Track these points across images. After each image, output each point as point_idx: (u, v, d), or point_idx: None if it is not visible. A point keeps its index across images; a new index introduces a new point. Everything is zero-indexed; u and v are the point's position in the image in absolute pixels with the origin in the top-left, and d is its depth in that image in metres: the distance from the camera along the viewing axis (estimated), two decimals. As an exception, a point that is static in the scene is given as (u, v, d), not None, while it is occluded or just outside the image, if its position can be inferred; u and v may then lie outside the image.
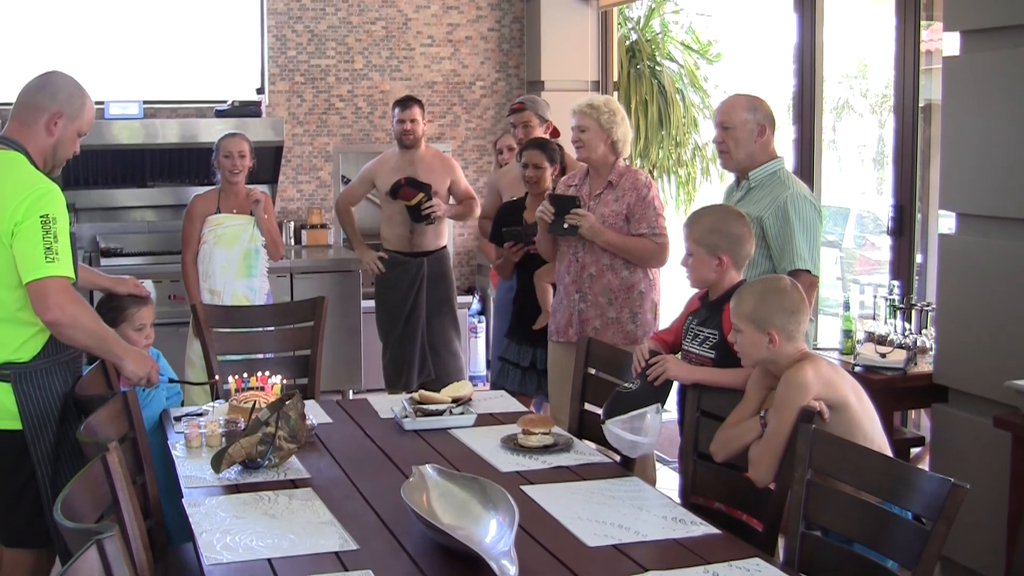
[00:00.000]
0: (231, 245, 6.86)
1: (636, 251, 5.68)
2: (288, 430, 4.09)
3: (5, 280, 4.00)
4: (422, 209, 7.45)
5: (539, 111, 7.14)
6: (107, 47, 9.16)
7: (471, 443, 4.50)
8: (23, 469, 4.11)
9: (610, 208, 5.71)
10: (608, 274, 5.74)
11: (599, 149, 5.74)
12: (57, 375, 4.17)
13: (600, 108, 5.73)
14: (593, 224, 5.65)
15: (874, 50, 13.97)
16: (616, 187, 5.74)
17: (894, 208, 6.41)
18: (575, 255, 5.80)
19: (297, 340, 5.94)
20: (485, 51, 10.06)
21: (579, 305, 5.81)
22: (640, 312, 5.75)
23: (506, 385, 6.49)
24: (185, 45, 9.34)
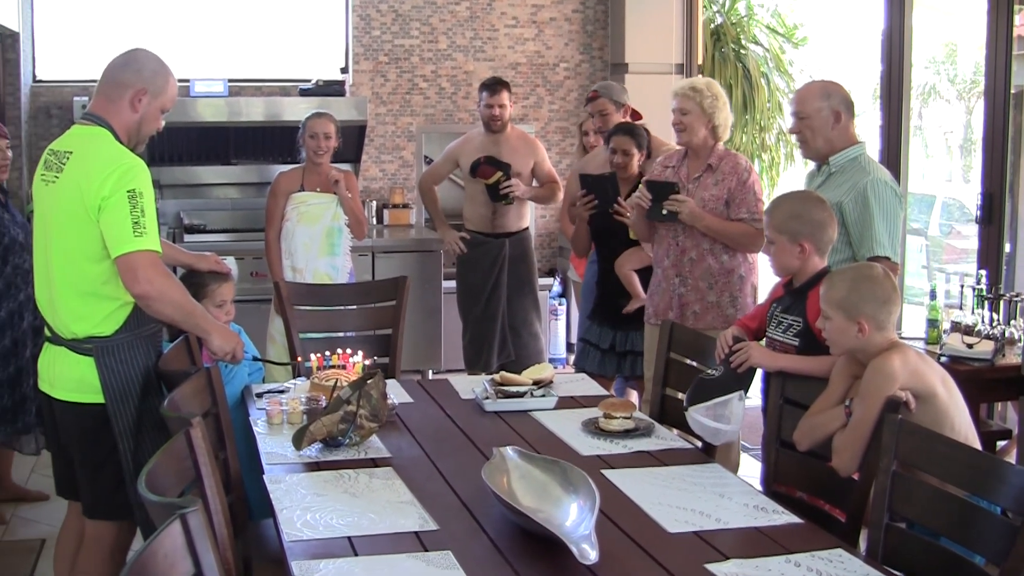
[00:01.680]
0: (314, 223, 6.88)
1: (736, 236, 5.62)
2: (369, 409, 4.09)
3: (90, 254, 4.03)
4: (500, 188, 7.44)
5: (614, 96, 7.08)
6: (193, 25, 9.24)
7: (552, 426, 4.49)
8: (105, 442, 4.14)
9: (710, 192, 5.66)
10: (708, 258, 5.70)
11: (700, 133, 5.69)
12: (139, 349, 4.18)
13: (703, 91, 5.68)
14: (693, 210, 5.60)
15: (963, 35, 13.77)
16: (716, 171, 5.69)
17: (982, 196, 6.33)
18: (675, 239, 5.75)
19: (378, 319, 5.96)
20: (569, 32, 10.02)
21: (679, 289, 5.77)
22: (740, 296, 5.70)
23: (586, 366, 6.48)
24: (270, 24, 9.39)
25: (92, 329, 4.11)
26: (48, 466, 5.16)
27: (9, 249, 5.95)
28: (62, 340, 4.16)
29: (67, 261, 4.07)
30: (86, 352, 4.11)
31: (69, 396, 4.16)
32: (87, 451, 4.20)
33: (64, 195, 4.04)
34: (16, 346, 6.05)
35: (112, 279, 4.05)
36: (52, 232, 4.11)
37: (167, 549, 2.48)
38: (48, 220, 4.13)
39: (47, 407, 4.32)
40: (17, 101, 8.87)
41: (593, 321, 6.64)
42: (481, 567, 3.15)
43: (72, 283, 4.08)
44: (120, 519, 4.26)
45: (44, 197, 4.17)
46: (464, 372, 7.91)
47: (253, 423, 4.46)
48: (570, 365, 9.38)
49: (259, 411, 4.58)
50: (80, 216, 3.99)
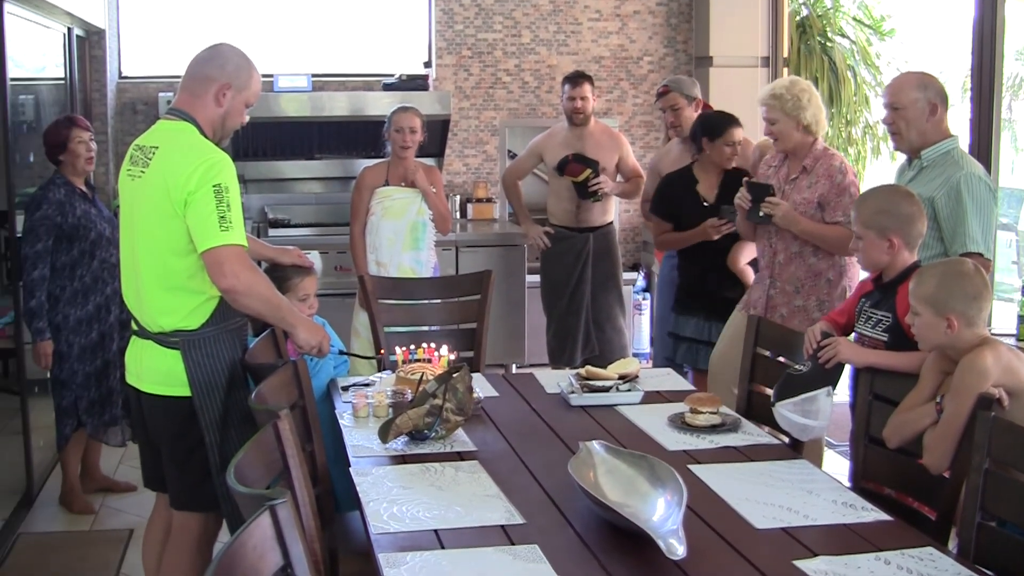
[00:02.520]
0: (399, 217, 6.89)
1: (831, 239, 5.52)
2: (455, 402, 4.10)
3: (176, 248, 4.05)
4: (589, 186, 7.43)
5: (685, 91, 7.03)
6: (276, 20, 9.30)
7: (638, 420, 4.48)
8: (192, 435, 4.17)
9: (803, 195, 5.59)
10: (796, 261, 5.63)
11: (793, 137, 5.60)
12: (224, 343, 4.20)
13: (783, 96, 5.58)
14: (787, 213, 5.54)
15: (1056, 25, 13.53)
16: (810, 173, 5.61)
17: (1074, 190, 6.24)
18: (769, 240, 5.70)
19: (463, 313, 5.98)
20: (653, 26, 9.98)
21: (770, 290, 5.74)
22: (828, 300, 5.59)
23: (675, 358, 6.49)
24: (353, 19, 9.44)
25: (179, 323, 4.13)
26: (135, 457, 5.23)
27: (96, 244, 6.04)
28: (149, 334, 4.19)
29: (153, 255, 4.10)
30: (173, 346, 4.14)
31: (156, 389, 4.19)
32: (174, 443, 4.23)
33: (150, 190, 4.06)
34: (103, 339, 6.14)
35: (198, 273, 4.07)
36: (138, 227, 4.13)
37: (256, 540, 2.49)
38: (134, 215, 4.16)
39: (135, 400, 4.36)
40: (103, 97, 8.98)
41: (679, 313, 6.61)
42: (567, 561, 3.15)
43: (158, 277, 4.10)
44: (206, 511, 4.29)
45: (130, 192, 4.20)
46: (548, 366, 7.92)
47: (339, 416, 4.48)
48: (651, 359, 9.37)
49: (345, 404, 4.61)
50: (166, 211, 4.01)
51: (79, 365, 6.09)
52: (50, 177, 6.11)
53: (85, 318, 6.07)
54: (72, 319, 6.04)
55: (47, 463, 6.88)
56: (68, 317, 6.03)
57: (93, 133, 6.27)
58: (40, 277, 5.90)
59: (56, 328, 6.02)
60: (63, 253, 5.98)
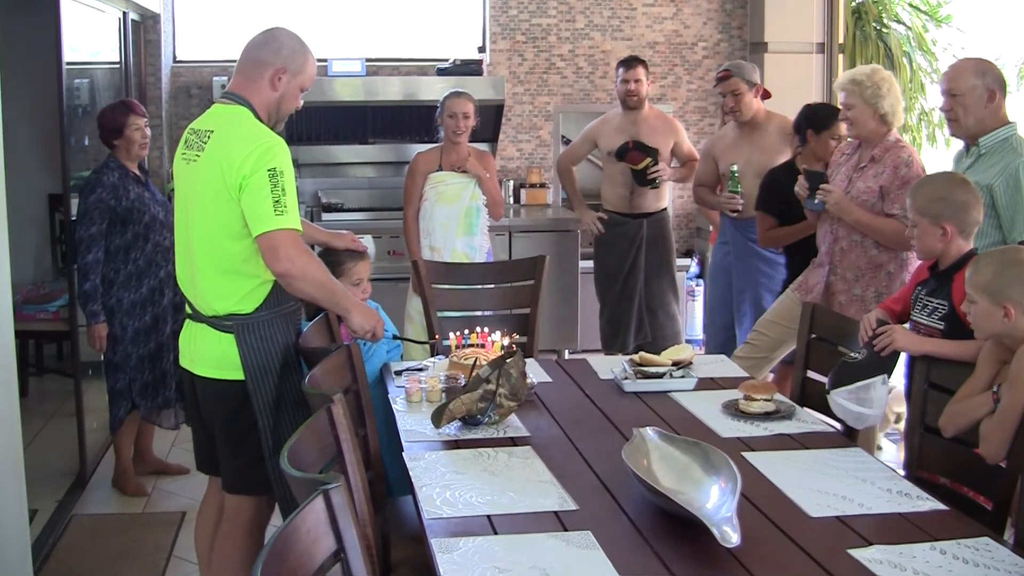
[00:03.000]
0: (452, 203, 6.90)
1: (885, 232, 5.47)
2: (509, 388, 4.10)
3: (231, 232, 4.05)
4: (648, 174, 7.41)
5: (746, 76, 6.96)
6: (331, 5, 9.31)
7: (691, 407, 4.46)
8: (245, 418, 4.18)
9: (867, 184, 5.53)
10: (856, 250, 5.59)
11: (868, 125, 5.54)
12: (278, 327, 4.20)
13: (863, 83, 5.51)
14: (839, 201, 5.51)
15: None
16: (878, 162, 5.54)
17: None
18: (831, 226, 5.66)
19: (516, 298, 5.98)
20: (708, 11, 9.93)
21: (829, 277, 5.70)
22: (887, 292, 5.52)
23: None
24: (407, 4, 9.44)
25: (233, 307, 4.13)
26: (188, 440, 5.26)
27: (150, 227, 6.07)
28: (203, 317, 4.20)
29: (208, 239, 4.10)
30: (227, 329, 4.14)
31: (210, 373, 4.21)
32: (227, 427, 4.24)
33: (205, 174, 4.06)
34: (157, 322, 6.18)
35: (253, 257, 4.07)
36: (193, 210, 4.14)
37: (310, 524, 2.50)
38: (189, 198, 4.17)
39: (188, 383, 4.37)
40: (158, 81, 9.03)
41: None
42: (621, 548, 3.14)
43: (213, 261, 4.11)
44: (259, 494, 4.30)
45: (185, 176, 4.21)
46: (600, 352, 7.91)
47: (392, 401, 4.49)
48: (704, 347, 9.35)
49: (398, 389, 4.62)
50: (221, 194, 4.01)
51: (133, 348, 6.13)
52: (104, 161, 6.14)
53: (139, 301, 6.11)
54: (126, 302, 6.08)
55: (100, 445, 6.94)
56: (122, 300, 6.07)
57: (148, 119, 6.30)
58: (94, 260, 5.95)
59: (110, 311, 6.07)
60: (117, 236, 6.02)
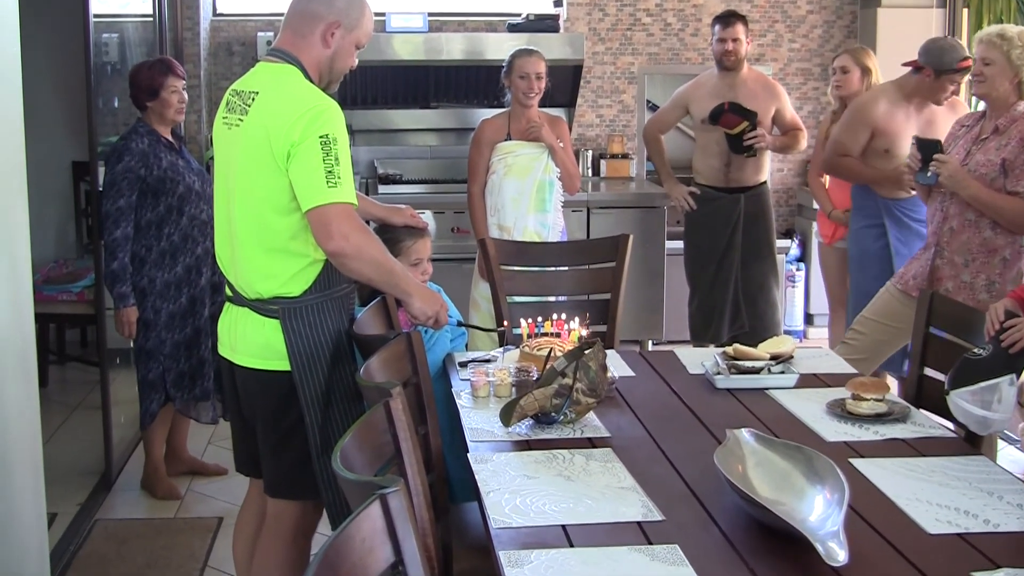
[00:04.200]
0: (523, 176, 6.89)
1: (1005, 212, 5.43)
2: (587, 382, 4.10)
3: (278, 205, 4.05)
4: (744, 139, 7.39)
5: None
6: (391, -48, 9.32)
7: (792, 407, 4.44)
8: (290, 414, 4.19)
9: (987, 156, 5.49)
10: (969, 231, 5.55)
11: (1001, 87, 5.49)
12: (329, 312, 4.21)
13: (1012, 40, 5.45)
14: (954, 173, 5.46)
15: None
16: (1002, 134, 5.50)
17: None
18: (942, 204, 5.63)
19: (595, 282, 5.98)
20: (814, -41, 9.88)
21: (935, 260, 5.66)
22: (999, 281, 5.52)
23: None
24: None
25: (278, 289, 4.14)
26: (227, 437, 5.29)
27: (185, 199, 6.10)
28: (244, 300, 4.21)
29: (251, 213, 4.10)
30: (271, 314, 4.15)
31: (252, 362, 4.22)
32: (271, 423, 4.25)
33: (249, 140, 4.07)
34: (194, 305, 6.21)
35: (301, 234, 4.08)
36: (235, 181, 4.14)
37: (365, 533, 2.51)
38: (230, 168, 4.18)
39: (227, 373, 4.40)
40: (196, 37, 9.06)
41: None
42: (711, 563, 3.13)
43: (257, 238, 4.11)
44: (305, 499, 4.32)
45: (226, 142, 4.22)
46: (689, 344, 7.90)
47: (456, 395, 4.50)
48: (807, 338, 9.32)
49: (463, 382, 4.63)
50: (267, 163, 4.01)
51: (167, 333, 6.18)
52: (132, 125, 6.17)
53: (173, 281, 6.15)
54: (159, 282, 6.12)
55: (129, 441, 7.01)
56: (154, 280, 6.12)
57: (187, 80, 6.32)
58: (123, 236, 5.99)
59: (141, 293, 6.11)
60: (148, 209, 6.06)
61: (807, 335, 9.53)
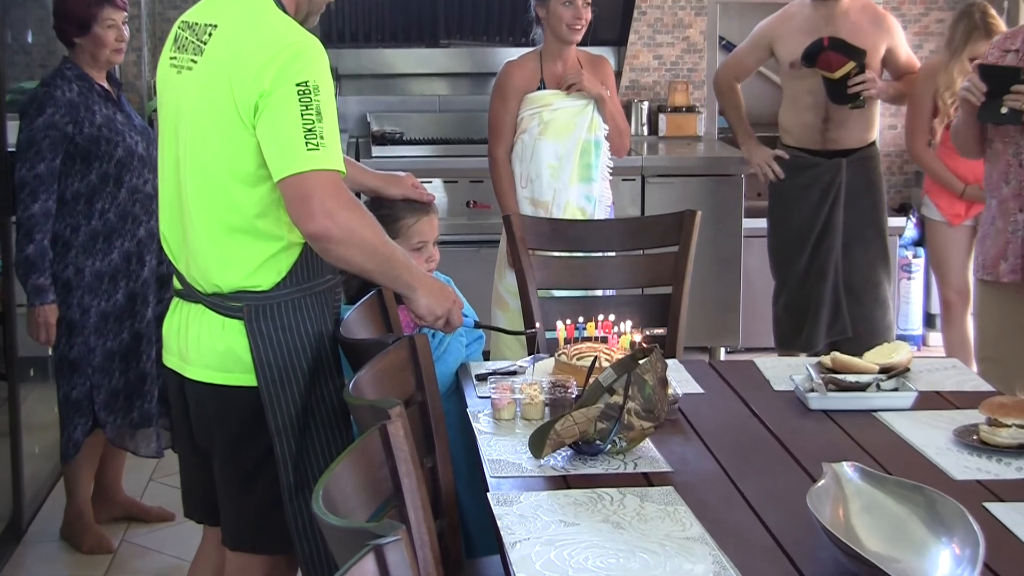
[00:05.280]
0: (563, 136, 6.86)
1: None
2: (642, 401, 4.10)
3: (242, 173, 4.04)
4: (850, 85, 7.36)
5: None
6: None
7: (909, 434, 4.44)
8: (257, 442, 4.20)
9: None
10: None
11: None
12: (308, 311, 4.22)
13: None
14: None
15: None
16: None
17: None
18: (1017, 156, 5.66)
19: (652, 272, 5.99)
20: None
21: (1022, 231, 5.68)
22: None
23: None
24: None
25: (243, 281, 4.14)
26: (174, 473, 5.32)
27: (125, 165, 6.08)
28: (199, 296, 4.22)
29: (208, 184, 4.10)
30: (233, 313, 4.15)
31: (207, 376, 4.22)
32: (231, 454, 4.27)
33: (205, 88, 4.06)
34: (133, 303, 6.20)
35: (273, 210, 4.08)
36: (186, 141, 4.13)
37: (356, 595, 2.53)
38: (181, 123, 4.16)
39: (176, 391, 4.40)
40: (136, -48, 9.09)
41: None
42: (805, 637, 3.16)
43: (215, 215, 4.11)
44: (274, 552, 4.34)
45: (175, 89, 4.21)
46: (775, 352, 7.91)
47: (473, 418, 4.51)
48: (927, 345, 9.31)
49: (481, 400, 4.64)
50: (228, 119, 4.00)
51: (97, 339, 6.18)
52: (57, 68, 6.16)
53: (107, 272, 6.15)
54: (88, 273, 6.13)
55: (45, 479, 7.02)
56: (82, 270, 6.12)
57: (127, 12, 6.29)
58: (42, 212, 5.97)
59: (65, 286, 6.11)
60: (76, 178, 6.05)
61: (927, 341, 9.54)
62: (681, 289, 5.82)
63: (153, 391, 6.28)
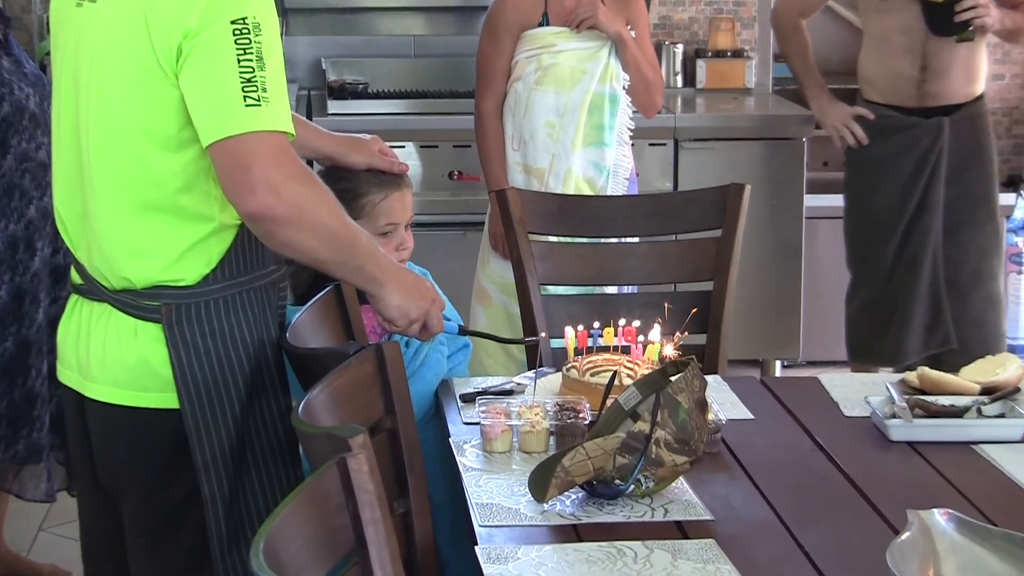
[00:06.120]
0: (566, 86, 6.88)
1: None
2: (674, 429, 4.11)
3: (160, 136, 4.02)
4: (956, 11, 7.33)
5: None
6: None
7: (1019, 473, 4.46)
8: (179, 480, 4.21)
9: None
10: None
11: None
12: (245, 312, 4.22)
13: None
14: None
15: None
16: None
17: None
18: None
19: (686, 263, 5.99)
20: None
21: None
22: None
23: None
24: None
25: (160, 273, 4.12)
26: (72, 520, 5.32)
27: (11, 125, 6.05)
28: (104, 293, 4.20)
29: (117, 149, 4.07)
30: (148, 316, 4.14)
31: (115, 396, 4.20)
32: (146, 497, 4.26)
33: (113, 26, 4.03)
34: (20, 302, 6.18)
35: (201, 183, 4.08)
36: (89, 94, 4.11)
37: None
38: (82, 71, 4.14)
39: (74, 415, 4.39)
40: None
41: None
42: None
43: (126, 190, 4.08)
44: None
45: (74, 28, 4.19)
46: (846, 365, 7.91)
47: (457, 450, 4.53)
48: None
49: (468, 428, 4.67)
50: (143, 65, 3.97)
51: (-30, 350, 6.19)
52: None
53: (-14, 261, 6.15)
54: (-40, 263, 6.13)
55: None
56: (-48, 260, 6.13)
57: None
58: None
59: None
60: (-54, 141, 6.06)
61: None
62: (724, 285, 5.84)
63: (44, 416, 6.25)
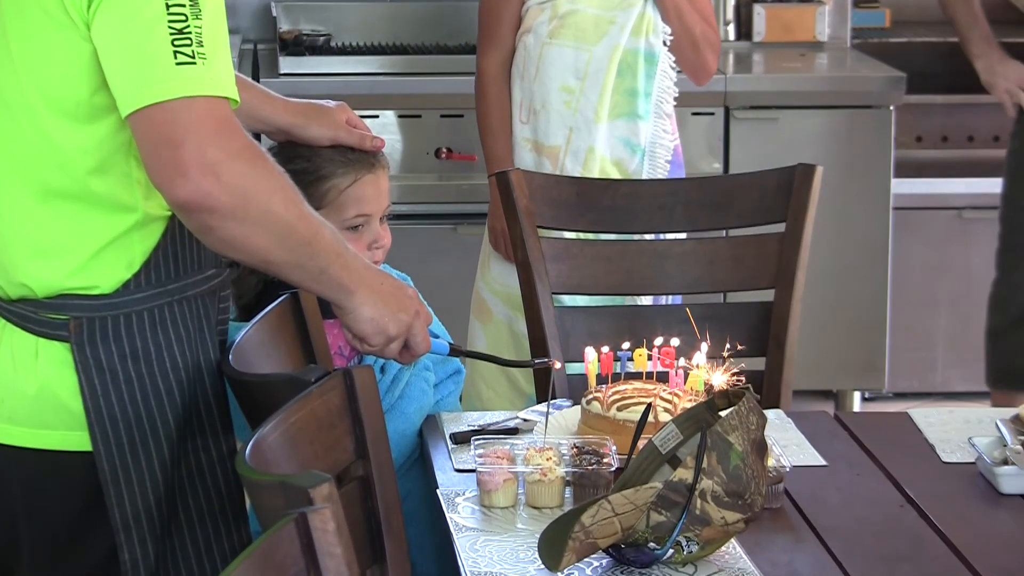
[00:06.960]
0: (588, 40, 6.88)
1: None
2: (725, 478, 4.13)
3: (67, 103, 4.04)
4: None
5: None
6: None
7: None
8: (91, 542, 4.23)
9: None
10: None
11: None
12: (176, 329, 4.24)
13: None
14: None
15: None
16: None
17: None
18: None
19: (741, 267, 6.01)
20: None
21: None
22: None
23: None
24: None
25: (68, 279, 4.13)
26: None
27: None
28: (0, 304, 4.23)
29: (13, 120, 4.10)
30: (53, 332, 4.16)
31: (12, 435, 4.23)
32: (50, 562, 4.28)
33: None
34: None
35: (119, 164, 4.09)
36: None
37: None
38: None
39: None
40: None
41: None
42: None
43: (25, 172, 4.11)
44: None
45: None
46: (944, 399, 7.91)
47: (447, 504, 4.54)
48: None
49: (461, 476, 4.69)
50: (46, 14, 4.00)
51: None
52: None
53: None
54: None
55: None
56: None
57: None
58: None
59: None
60: None
61: None
62: (789, 294, 5.85)
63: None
